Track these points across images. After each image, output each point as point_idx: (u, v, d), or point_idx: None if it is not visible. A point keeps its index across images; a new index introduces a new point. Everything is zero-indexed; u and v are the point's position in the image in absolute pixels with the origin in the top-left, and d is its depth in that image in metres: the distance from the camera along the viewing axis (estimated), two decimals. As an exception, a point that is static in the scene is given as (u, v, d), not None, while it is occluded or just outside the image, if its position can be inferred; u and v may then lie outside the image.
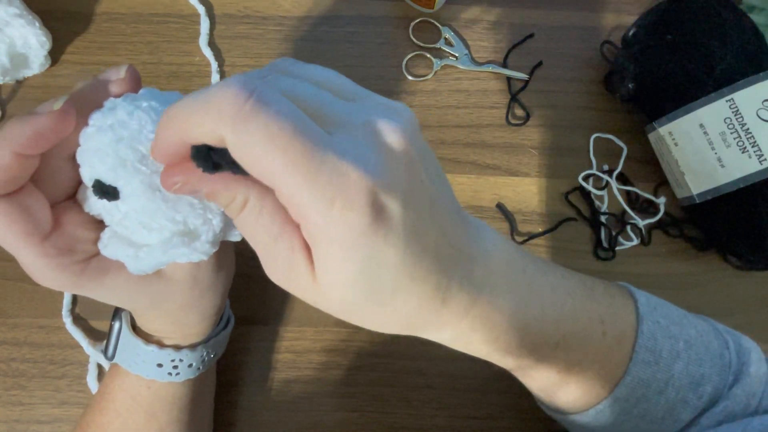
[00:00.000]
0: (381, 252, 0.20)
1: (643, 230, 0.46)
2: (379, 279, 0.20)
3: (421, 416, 0.41)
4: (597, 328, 0.29)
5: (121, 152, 0.23)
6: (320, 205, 0.18)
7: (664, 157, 0.45)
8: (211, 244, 0.25)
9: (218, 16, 0.49)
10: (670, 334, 0.30)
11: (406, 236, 0.20)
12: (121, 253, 0.25)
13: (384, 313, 0.22)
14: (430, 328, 0.24)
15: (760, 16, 0.45)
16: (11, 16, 0.43)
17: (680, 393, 0.30)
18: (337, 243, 0.19)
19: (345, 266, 0.20)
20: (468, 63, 0.49)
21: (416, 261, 0.21)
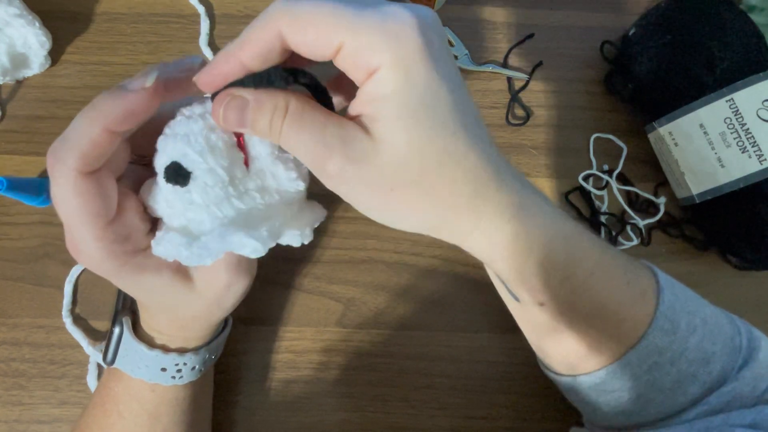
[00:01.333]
0: (436, 82, 0.21)
1: (643, 230, 0.46)
2: (435, 116, 0.22)
3: (421, 416, 0.41)
4: (621, 276, 0.29)
5: (212, 139, 0.24)
6: (375, 30, 0.20)
7: (664, 157, 0.45)
8: (269, 235, 0.25)
9: (218, 16, 0.49)
10: (688, 309, 0.30)
11: (450, 77, 0.22)
12: (175, 244, 0.25)
13: (443, 174, 0.22)
14: (474, 220, 0.24)
15: (760, 16, 0.45)
16: (11, 16, 0.43)
17: (692, 367, 0.29)
18: (400, 61, 0.21)
19: (406, 94, 0.21)
20: (468, 63, 0.49)
21: (467, 113, 0.23)
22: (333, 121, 0.22)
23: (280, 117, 0.22)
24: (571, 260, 0.27)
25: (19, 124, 0.45)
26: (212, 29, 0.49)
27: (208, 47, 0.48)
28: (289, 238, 0.26)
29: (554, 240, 0.26)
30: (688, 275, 0.45)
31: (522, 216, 0.25)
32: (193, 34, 0.48)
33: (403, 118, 0.21)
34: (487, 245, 0.25)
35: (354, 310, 0.43)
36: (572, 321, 0.29)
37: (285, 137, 0.23)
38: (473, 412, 0.41)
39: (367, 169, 0.22)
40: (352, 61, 0.21)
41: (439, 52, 0.22)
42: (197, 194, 0.24)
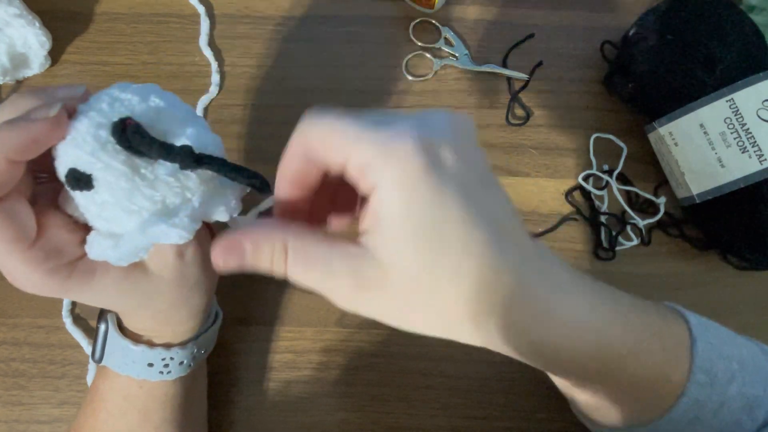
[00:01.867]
0: (441, 198, 0.21)
1: (643, 230, 0.46)
2: (442, 233, 0.21)
3: (421, 416, 0.41)
4: (656, 343, 0.28)
5: (101, 136, 0.23)
6: (376, 148, 0.21)
7: (664, 157, 0.45)
8: (190, 220, 0.25)
9: (218, 16, 0.49)
10: (724, 355, 0.29)
11: (464, 190, 0.21)
12: (102, 247, 0.25)
13: (446, 288, 0.22)
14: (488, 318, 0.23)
15: (760, 16, 0.45)
16: (11, 16, 0.43)
17: (734, 415, 0.29)
18: (399, 182, 0.21)
19: (409, 216, 0.21)
20: (468, 63, 0.49)
21: (477, 220, 0.22)
22: (338, 251, 0.22)
23: (281, 258, 0.23)
24: (602, 352, 0.26)
25: (19, 124, 0.45)
26: (212, 29, 0.49)
27: (208, 47, 0.48)
28: (215, 214, 0.26)
29: (582, 338, 0.26)
30: (688, 275, 0.45)
31: (546, 324, 0.24)
32: (193, 34, 0.48)
33: (407, 240, 0.21)
34: (510, 353, 0.25)
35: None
36: (611, 397, 0.29)
37: (292, 275, 0.23)
38: (473, 412, 0.41)
39: (378, 294, 0.22)
40: (356, 175, 0.22)
41: (450, 169, 0.21)
42: (105, 194, 0.24)
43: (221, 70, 0.48)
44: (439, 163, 0.21)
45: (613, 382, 0.28)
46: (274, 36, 0.49)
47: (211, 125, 0.28)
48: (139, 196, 0.24)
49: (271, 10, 0.49)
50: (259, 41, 0.49)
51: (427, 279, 0.21)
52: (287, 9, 0.50)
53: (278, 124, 0.47)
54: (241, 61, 0.48)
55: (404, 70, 0.48)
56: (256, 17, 0.49)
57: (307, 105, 0.47)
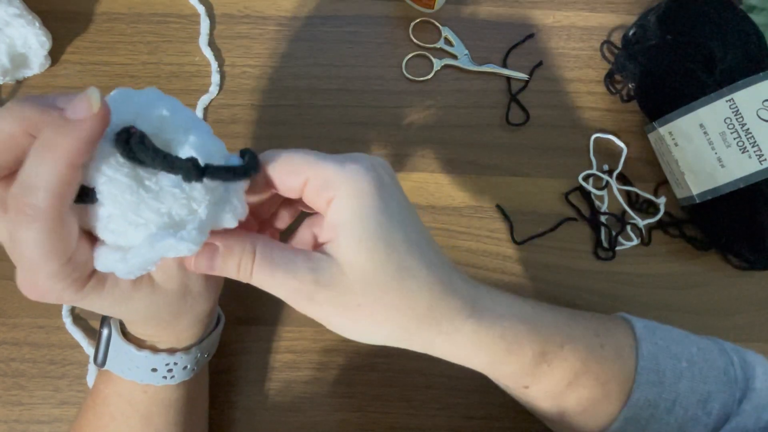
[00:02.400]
0: (386, 208, 0.25)
1: (643, 230, 0.46)
2: (389, 237, 0.25)
3: (421, 416, 0.41)
4: (594, 340, 0.30)
5: (104, 148, 0.22)
6: (334, 168, 0.25)
7: (664, 157, 0.45)
8: (198, 232, 0.24)
9: (218, 16, 0.49)
10: (671, 354, 0.31)
11: (401, 203, 0.26)
12: (109, 259, 0.24)
13: (402, 288, 0.25)
14: (435, 326, 0.27)
15: (760, 16, 0.45)
16: (11, 16, 0.43)
17: (689, 411, 0.30)
18: (353, 192, 0.25)
19: (362, 219, 0.25)
20: (468, 63, 0.49)
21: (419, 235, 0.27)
22: (301, 255, 0.25)
23: (248, 260, 0.25)
24: (539, 338, 0.29)
25: (19, 124, 0.45)
26: (212, 29, 0.49)
27: (207, 47, 0.48)
28: (224, 222, 0.26)
29: (517, 324, 0.29)
30: (688, 275, 0.45)
31: (479, 311, 0.28)
32: (193, 34, 0.48)
33: (362, 240, 0.25)
34: (454, 347, 0.28)
35: (354, 310, 0.43)
36: (558, 394, 0.30)
37: (257, 278, 0.25)
38: (473, 412, 0.41)
39: (336, 291, 0.25)
40: (315, 193, 0.25)
41: (390, 187, 0.26)
42: (110, 207, 0.23)
43: (221, 70, 0.48)
44: (382, 182, 0.25)
45: (559, 375, 0.29)
46: (274, 36, 0.49)
47: (211, 125, 0.28)
48: (144, 209, 0.23)
49: (271, 10, 0.49)
50: (259, 41, 0.49)
51: (379, 276, 0.25)
52: (287, 9, 0.50)
53: (278, 124, 0.47)
54: (241, 61, 0.48)
55: (404, 70, 0.48)
56: (256, 17, 0.49)
57: (307, 105, 0.47)
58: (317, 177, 0.25)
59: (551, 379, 0.30)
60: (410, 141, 0.47)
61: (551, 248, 0.45)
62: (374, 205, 0.25)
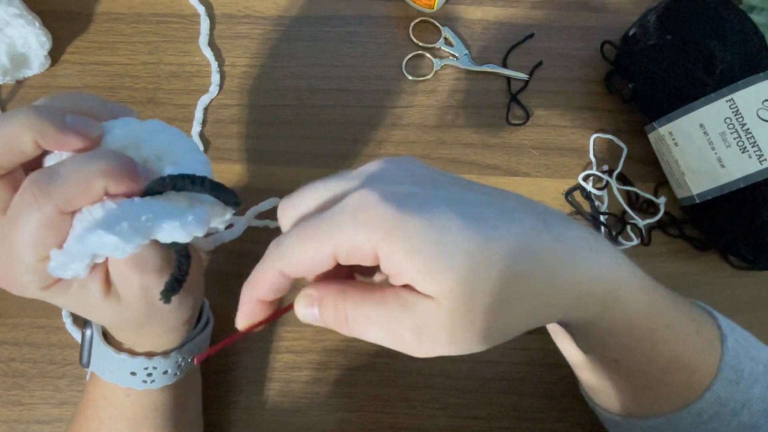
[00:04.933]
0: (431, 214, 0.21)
1: (643, 230, 0.46)
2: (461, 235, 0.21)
3: (421, 416, 0.41)
4: (692, 325, 0.28)
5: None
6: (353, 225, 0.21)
7: (664, 157, 0.45)
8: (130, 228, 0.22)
9: (218, 16, 0.49)
10: (751, 356, 0.29)
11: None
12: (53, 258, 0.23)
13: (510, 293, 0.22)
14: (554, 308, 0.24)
15: (760, 16, 0.45)
16: (11, 16, 0.43)
17: (753, 417, 0.28)
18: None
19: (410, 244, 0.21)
20: (468, 63, 0.49)
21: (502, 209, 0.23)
22: (391, 293, 0.22)
23: (342, 317, 0.23)
24: (653, 314, 0.27)
25: (19, 124, 0.45)
26: (212, 29, 0.49)
27: (208, 47, 0.48)
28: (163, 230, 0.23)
29: (637, 295, 0.26)
30: (688, 275, 0.45)
31: (608, 303, 0.25)
32: (193, 34, 0.48)
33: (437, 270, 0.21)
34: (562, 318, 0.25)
35: (354, 310, 0.43)
36: (646, 375, 0.28)
37: (352, 320, 0.23)
38: (473, 412, 0.41)
39: (439, 322, 0.22)
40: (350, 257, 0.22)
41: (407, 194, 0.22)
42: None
43: (221, 70, 0.48)
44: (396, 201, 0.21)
45: (655, 355, 0.27)
46: (274, 36, 0.49)
47: (211, 125, 0.28)
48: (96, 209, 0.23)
49: (271, 10, 0.49)
50: (259, 41, 0.49)
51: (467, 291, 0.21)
52: (287, 9, 0.50)
53: (278, 124, 0.47)
54: (241, 61, 0.48)
55: (404, 70, 0.48)
56: (256, 17, 0.49)
57: (308, 105, 0.47)
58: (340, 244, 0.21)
59: (647, 359, 0.28)
60: (410, 141, 0.47)
61: (551, 248, 0.45)
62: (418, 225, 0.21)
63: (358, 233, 0.21)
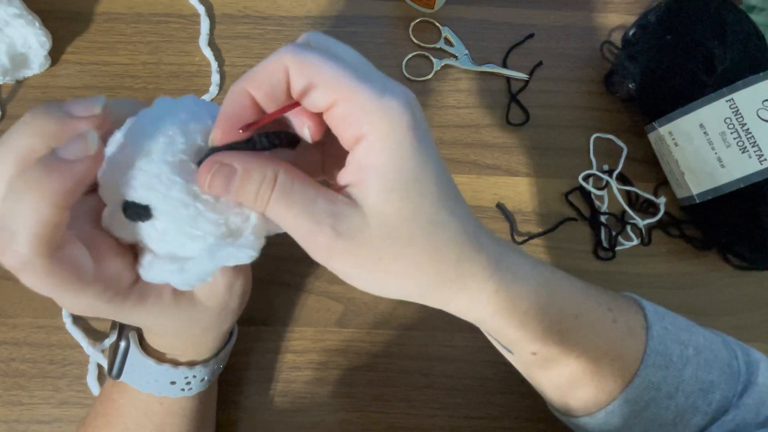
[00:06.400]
0: (422, 154, 0.22)
1: (643, 230, 0.46)
2: (422, 187, 0.23)
3: (421, 416, 0.41)
4: (607, 315, 0.29)
5: (153, 167, 0.22)
6: (371, 100, 0.21)
7: (664, 157, 0.45)
8: (255, 237, 0.24)
9: (218, 16, 0.49)
10: (680, 340, 0.30)
11: (434, 150, 0.23)
12: (165, 271, 0.24)
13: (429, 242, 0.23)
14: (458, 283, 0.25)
15: (760, 16, 0.45)
16: (11, 16, 0.43)
17: (690, 398, 0.29)
18: (390, 133, 0.22)
19: (396, 166, 0.22)
20: (468, 63, 0.49)
21: (449, 184, 0.24)
22: (322, 195, 0.23)
23: (268, 188, 0.23)
24: (556, 305, 0.28)
25: (19, 124, 0.45)
26: (212, 29, 0.49)
27: (207, 47, 0.48)
28: (274, 227, 0.25)
29: (537, 288, 0.27)
30: (688, 275, 0.45)
31: (502, 270, 0.26)
32: (193, 34, 0.48)
33: (394, 190, 0.22)
34: (472, 305, 0.26)
35: (354, 310, 0.43)
36: (565, 365, 0.29)
37: (272, 209, 0.23)
38: (473, 412, 0.41)
39: (356, 243, 0.23)
40: (342, 121, 0.22)
41: (424, 131, 0.23)
42: (166, 222, 0.23)
43: (221, 70, 0.48)
44: (419, 123, 0.22)
45: (570, 345, 0.28)
46: (274, 36, 0.49)
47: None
48: (202, 221, 0.23)
49: (271, 10, 0.49)
50: (259, 41, 0.49)
51: (405, 229, 0.23)
52: (287, 9, 0.50)
53: (278, 124, 0.47)
54: (241, 61, 0.48)
55: (404, 70, 0.48)
56: (256, 17, 0.49)
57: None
58: (350, 104, 0.22)
59: (561, 349, 0.29)
60: (410, 141, 0.47)
61: (551, 248, 0.45)
62: (411, 150, 0.22)
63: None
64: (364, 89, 0.21)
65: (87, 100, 0.23)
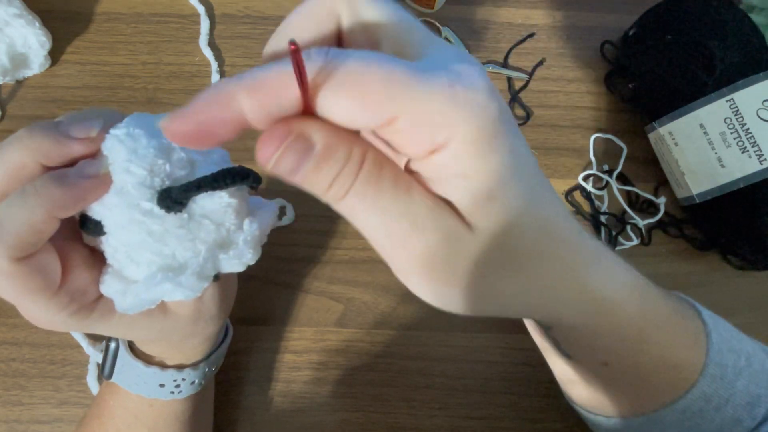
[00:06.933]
0: (517, 149, 0.18)
1: (643, 230, 0.46)
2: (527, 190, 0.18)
3: (421, 416, 0.41)
4: (680, 322, 0.28)
5: (115, 187, 0.22)
6: (445, 92, 0.16)
7: (664, 157, 0.45)
8: (197, 278, 0.23)
9: (218, 16, 0.49)
10: (733, 349, 0.28)
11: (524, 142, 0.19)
12: (112, 288, 0.24)
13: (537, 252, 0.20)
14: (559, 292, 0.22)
15: (760, 16, 0.45)
16: (11, 16, 0.43)
17: (737, 412, 0.28)
18: (478, 137, 0.17)
19: (493, 171, 0.17)
20: (468, 63, 0.49)
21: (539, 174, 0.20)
22: (420, 190, 0.18)
23: (351, 173, 0.17)
24: (643, 314, 0.26)
25: (19, 124, 0.45)
26: (212, 29, 0.49)
27: (208, 47, 0.48)
28: (226, 266, 0.24)
29: (628, 295, 0.25)
30: (688, 275, 0.45)
31: (599, 275, 0.23)
32: (193, 34, 0.48)
33: (495, 197, 0.18)
34: (555, 312, 0.24)
35: (354, 310, 0.43)
36: (634, 377, 0.28)
37: (350, 202, 0.17)
38: (473, 412, 0.41)
39: (458, 255, 0.18)
40: (408, 136, 0.17)
41: (508, 115, 0.18)
42: (115, 241, 0.23)
43: (221, 70, 0.48)
44: (504, 110, 0.18)
45: (643, 356, 0.27)
46: (274, 36, 0.49)
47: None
48: (146, 250, 0.23)
49: (271, 10, 0.49)
50: (259, 41, 0.49)
51: (513, 237, 0.19)
52: (287, 9, 0.49)
53: (278, 124, 0.47)
54: (241, 61, 0.48)
55: (404, 70, 0.48)
56: (256, 17, 0.49)
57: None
58: (417, 114, 0.16)
59: (635, 361, 0.27)
60: (410, 141, 0.47)
61: (551, 248, 0.45)
62: (505, 148, 0.17)
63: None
64: (433, 89, 0.16)
65: (85, 121, 0.23)
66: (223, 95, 0.17)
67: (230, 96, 0.17)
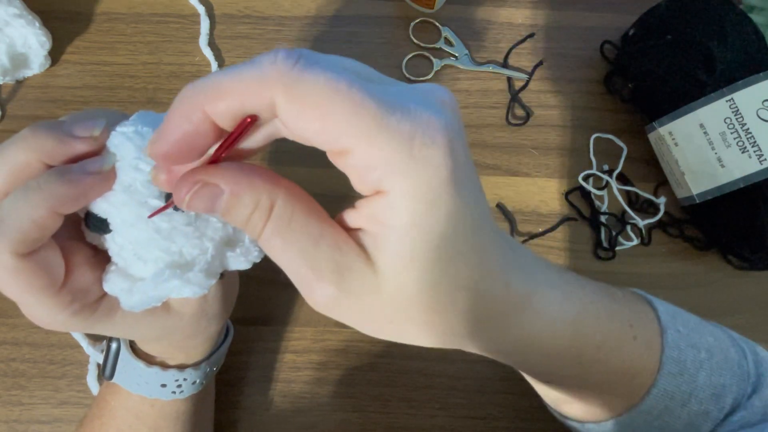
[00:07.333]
0: (459, 209, 0.17)
1: (643, 230, 0.46)
2: (453, 248, 0.18)
3: (421, 416, 0.41)
4: (628, 333, 0.28)
5: (120, 184, 0.22)
6: (402, 142, 0.16)
7: (664, 157, 0.45)
8: (205, 275, 0.23)
9: (218, 16, 0.49)
10: (692, 343, 0.29)
11: (473, 195, 0.18)
12: (117, 286, 0.24)
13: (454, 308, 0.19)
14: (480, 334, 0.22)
15: (760, 16, 0.45)
16: (11, 16, 0.43)
17: (703, 405, 0.28)
18: (420, 195, 0.17)
19: (424, 231, 0.17)
20: (468, 63, 0.49)
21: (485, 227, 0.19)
22: (328, 237, 0.18)
23: (261, 218, 0.18)
24: (578, 342, 0.25)
25: (19, 124, 0.45)
26: (212, 29, 0.49)
27: (207, 47, 0.48)
28: (233, 264, 0.24)
29: (559, 330, 0.25)
30: (688, 275, 0.45)
31: (528, 318, 0.23)
32: (193, 34, 0.48)
33: (416, 259, 0.18)
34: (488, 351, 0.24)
35: (354, 310, 0.43)
36: (583, 391, 0.28)
37: (266, 242, 0.18)
38: (473, 412, 0.41)
39: (363, 304, 0.19)
40: (358, 171, 0.17)
41: (464, 165, 0.18)
42: (121, 238, 0.23)
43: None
44: (459, 168, 0.17)
45: (588, 375, 0.27)
46: (274, 36, 0.49)
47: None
48: (154, 247, 0.23)
49: (271, 10, 0.49)
50: (259, 41, 0.49)
51: (427, 296, 0.19)
52: (287, 9, 0.50)
53: (278, 124, 0.47)
54: (241, 61, 0.48)
55: (404, 70, 0.48)
56: (256, 17, 0.49)
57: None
58: (369, 153, 0.16)
59: (578, 382, 0.28)
60: (410, 141, 0.47)
61: (551, 248, 0.45)
62: (445, 208, 0.17)
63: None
64: (392, 136, 0.16)
65: (88, 121, 0.23)
66: (187, 108, 0.17)
67: (195, 108, 0.17)
